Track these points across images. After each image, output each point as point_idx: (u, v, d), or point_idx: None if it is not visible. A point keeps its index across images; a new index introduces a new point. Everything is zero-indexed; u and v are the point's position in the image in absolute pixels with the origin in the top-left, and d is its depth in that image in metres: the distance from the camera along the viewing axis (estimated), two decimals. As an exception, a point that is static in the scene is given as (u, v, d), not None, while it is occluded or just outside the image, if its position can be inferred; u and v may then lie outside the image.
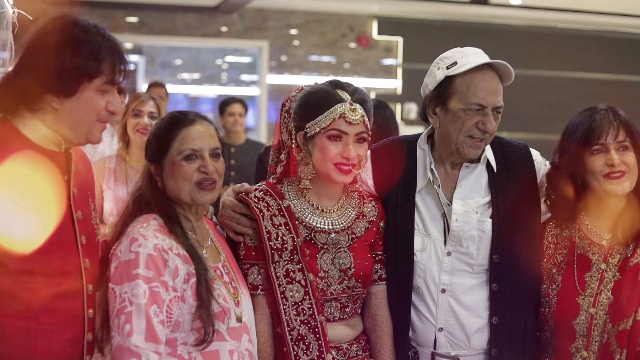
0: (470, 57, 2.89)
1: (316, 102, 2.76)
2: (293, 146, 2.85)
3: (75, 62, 2.26)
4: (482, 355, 2.94)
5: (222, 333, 2.50)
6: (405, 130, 9.19)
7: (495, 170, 2.97)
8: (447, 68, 2.89)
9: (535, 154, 3.06)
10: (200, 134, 2.57)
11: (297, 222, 2.80)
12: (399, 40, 11.53)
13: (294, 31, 11.21)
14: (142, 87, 10.37)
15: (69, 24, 2.31)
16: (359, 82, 10.90)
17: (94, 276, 2.44)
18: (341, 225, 2.85)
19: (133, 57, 11.82)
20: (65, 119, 2.31)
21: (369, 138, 2.81)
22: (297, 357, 2.71)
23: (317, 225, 2.82)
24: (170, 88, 9.31)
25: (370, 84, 11.26)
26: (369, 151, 2.98)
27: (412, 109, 11.17)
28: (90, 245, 2.44)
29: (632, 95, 11.26)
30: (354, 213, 2.90)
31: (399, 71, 11.53)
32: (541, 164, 3.04)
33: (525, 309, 2.96)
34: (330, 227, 2.84)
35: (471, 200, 2.95)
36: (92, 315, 2.42)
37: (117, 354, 2.33)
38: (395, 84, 11.51)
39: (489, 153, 2.97)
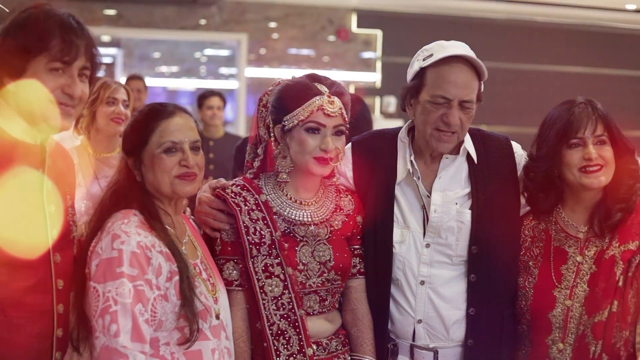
0: (448, 49, 2.88)
1: (294, 94, 2.76)
2: (270, 140, 2.85)
3: (19, 38, 2.26)
4: (461, 347, 2.95)
5: (205, 332, 2.48)
6: (384, 124, 9.23)
7: (475, 162, 2.97)
8: (424, 60, 2.89)
9: (516, 146, 3.07)
10: (180, 127, 2.54)
11: (275, 216, 2.79)
12: (378, 33, 11.51)
13: (273, 24, 11.17)
14: (121, 80, 10.30)
15: (30, 9, 2.31)
16: (338, 75, 10.92)
17: (65, 272, 2.41)
18: (320, 217, 2.85)
19: (111, 50, 11.75)
20: (21, 101, 2.29)
21: (347, 131, 2.81)
22: (278, 352, 2.70)
23: (296, 218, 2.82)
24: (149, 81, 9.24)
25: (349, 77, 11.25)
26: (349, 144, 2.99)
27: (392, 102, 11.18)
28: (62, 240, 2.41)
29: (611, 89, 11.32)
30: (331, 206, 2.90)
31: (378, 64, 11.52)
32: (522, 157, 3.04)
33: (503, 300, 2.97)
34: (310, 219, 2.83)
35: (451, 191, 2.95)
36: (63, 311, 2.38)
37: (104, 354, 2.29)
38: (374, 77, 11.50)
39: (469, 144, 2.97)
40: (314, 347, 2.76)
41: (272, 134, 2.83)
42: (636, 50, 12.23)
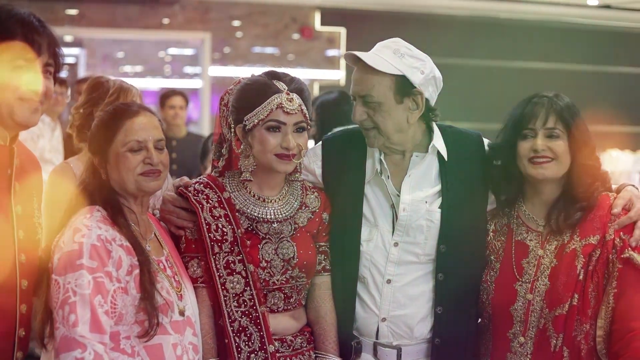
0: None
1: (253, 94, 2.77)
2: (233, 139, 2.84)
3: None
4: (425, 344, 2.95)
5: (165, 326, 2.51)
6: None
7: (446, 159, 2.96)
8: None
9: (487, 143, 3.06)
10: (144, 125, 2.60)
11: (237, 214, 2.80)
12: (342, 31, 11.53)
13: (236, 23, 11.15)
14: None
15: None
16: (303, 73, 10.86)
17: (30, 272, 2.43)
18: (283, 214, 2.86)
19: (74, 50, 11.69)
20: None
21: (309, 127, 2.83)
22: (239, 349, 2.71)
23: (259, 215, 2.82)
24: (112, 81, 9.18)
25: (313, 75, 11.27)
26: (320, 141, 3.00)
27: (356, 100, 11.18)
28: (28, 241, 2.42)
29: (574, 84, 11.40)
30: (296, 203, 2.91)
31: (342, 62, 11.53)
32: None
33: (470, 298, 2.97)
34: (273, 216, 2.84)
35: (420, 190, 2.95)
36: (25, 311, 2.40)
37: (63, 344, 2.32)
38: (338, 75, 11.52)
39: (439, 142, 2.96)
40: (278, 344, 2.77)
41: (234, 134, 2.84)
42: (599, 45, 12.35)
